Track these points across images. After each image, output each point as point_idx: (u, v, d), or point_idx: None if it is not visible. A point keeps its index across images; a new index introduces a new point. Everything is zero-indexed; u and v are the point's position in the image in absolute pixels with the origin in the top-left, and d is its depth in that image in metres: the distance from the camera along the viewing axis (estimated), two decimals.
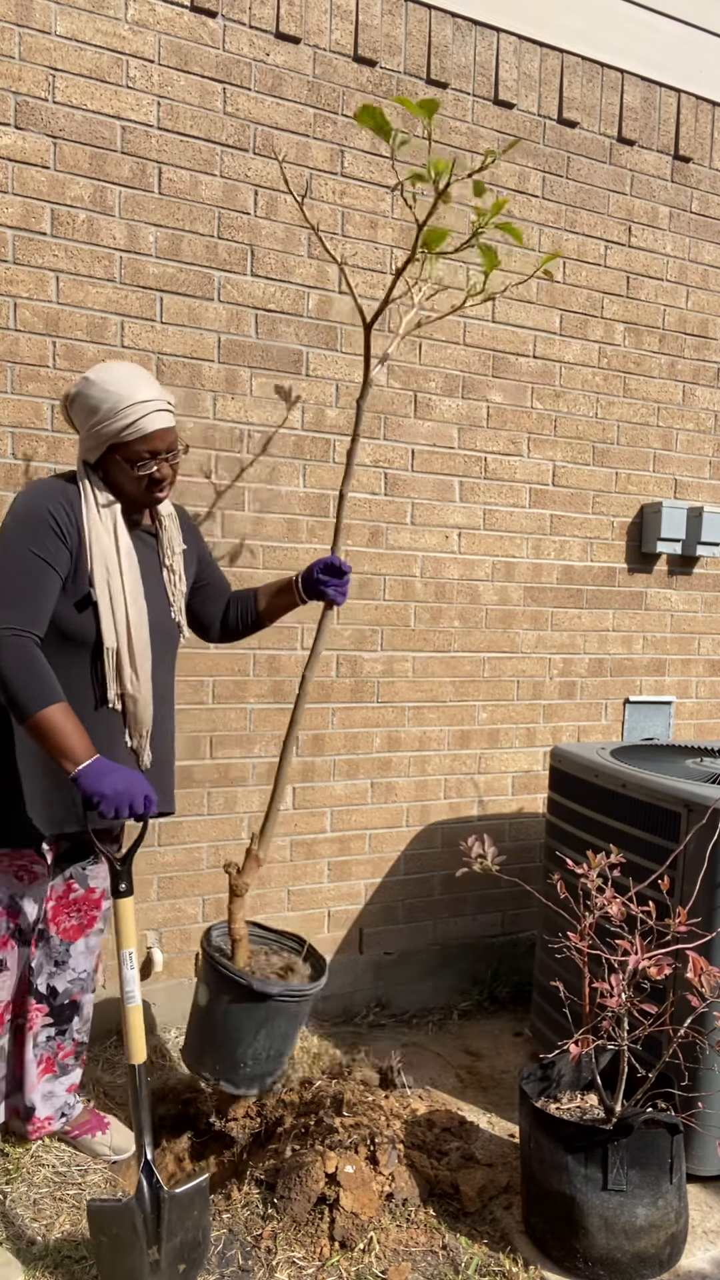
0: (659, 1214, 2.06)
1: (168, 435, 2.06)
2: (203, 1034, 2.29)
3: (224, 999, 2.21)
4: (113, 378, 2.02)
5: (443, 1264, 2.12)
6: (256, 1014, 2.22)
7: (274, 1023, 2.25)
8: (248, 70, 2.91)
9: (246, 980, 2.20)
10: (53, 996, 2.30)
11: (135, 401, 2.00)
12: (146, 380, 2.05)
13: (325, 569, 2.31)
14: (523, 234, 2.02)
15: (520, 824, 3.54)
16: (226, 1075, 2.28)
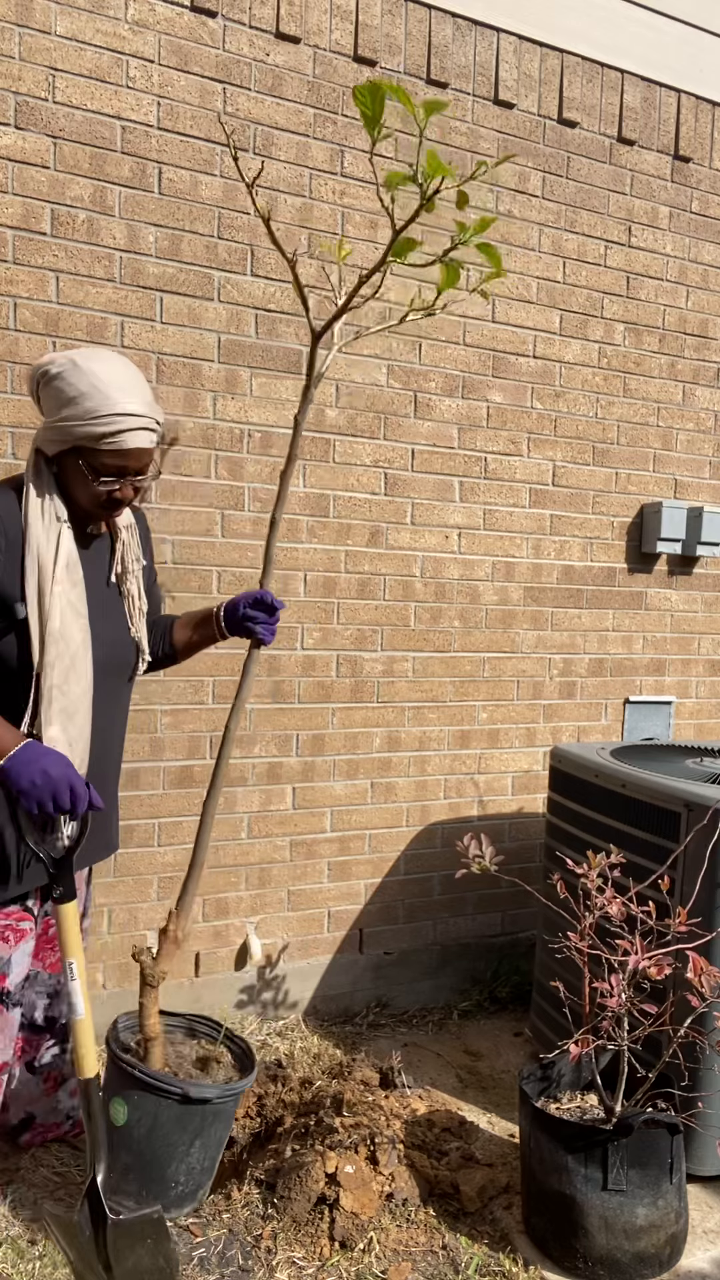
0: (659, 1214, 2.06)
1: (143, 456, 1.84)
2: (120, 1157, 1.97)
3: (148, 1113, 1.93)
4: (103, 374, 1.77)
5: (443, 1264, 2.12)
6: (190, 1124, 1.95)
7: (210, 1130, 1.99)
8: (248, 70, 2.91)
9: (180, 1087, 1.93)
10: (51, 1025, 2.23)
11: (120, 412, 1.76)
12: (138, 388, 1.81)
13: (254, 603, 2.06)
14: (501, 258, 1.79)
15: (520, 824, 3.54)
16: (155, 1199, 1.97)
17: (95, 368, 1.77)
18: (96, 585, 1.96)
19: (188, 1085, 1.94)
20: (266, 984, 3.17)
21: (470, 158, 3.24)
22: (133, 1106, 1.93)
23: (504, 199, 3.31)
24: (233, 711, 2.09)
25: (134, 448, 1.80)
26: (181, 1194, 2.02)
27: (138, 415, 1.78)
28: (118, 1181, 1.95)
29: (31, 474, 1.84)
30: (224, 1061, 2.12)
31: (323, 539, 3.13)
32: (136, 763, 2.92)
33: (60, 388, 1.78)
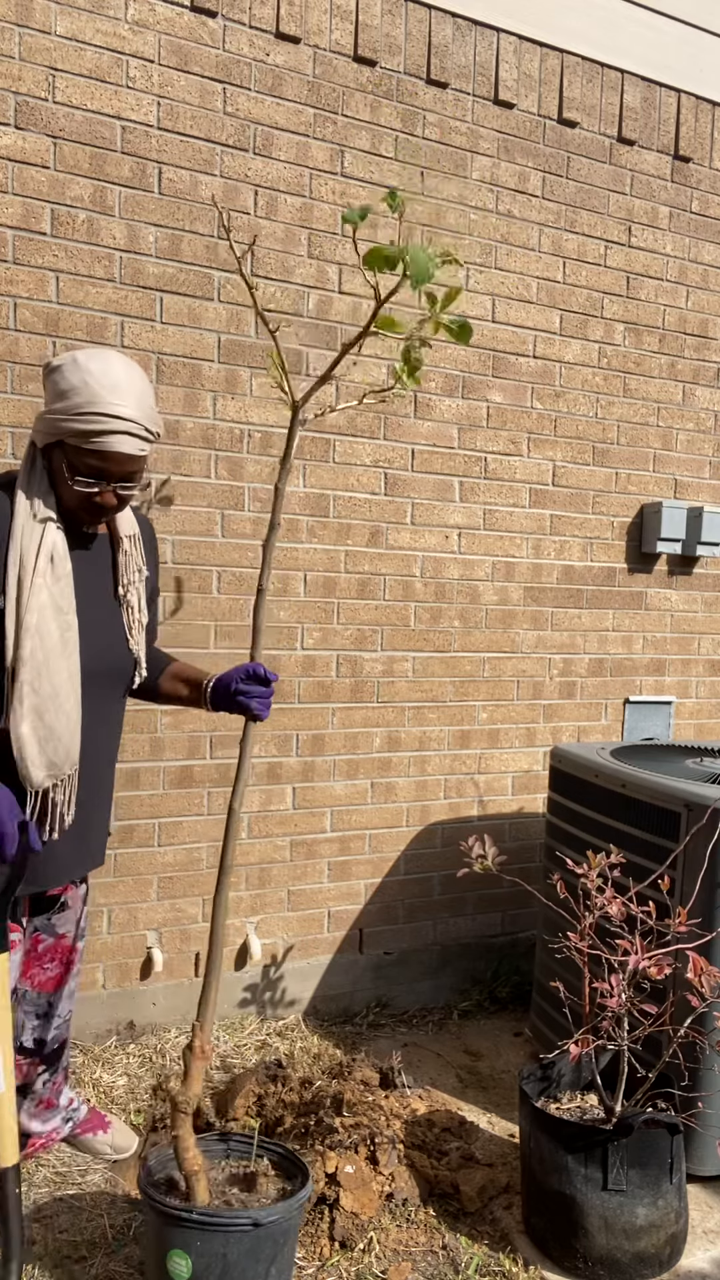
0: (659, 1214, 2.06)
1: (126, 463, 1.78)
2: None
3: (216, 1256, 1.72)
4: (99, 373, 1.74)
5: (443, 1264, 2.12)
6: (264, 1252, 1.75)
7: (284, 1251, 1.80)
8: (248, 70, 2.91)
9: (248, 1216, 1.73)
10: (40, 1047, 2.20)
11: (104, 412, 1.71)
12: (133, 393, 1.76)
13: (246, 678, 1.98)
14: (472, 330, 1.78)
15: (520, 824, 3.54)
16: None
17: (93, 366, 1.74)
18: (93, 588, 1.91)
19: (254, 1212, 1.74)
20: (267, 984, 3.17)
21: (470, 157, 3.24)
22: (197, 1254, 1.71)
23: (504, 199, 3.31)
24: (235, 790, 1.94)
25: (115, 451, 1.75)
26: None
27: (123, 419, 1.73)
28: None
29: (25, 465, 1.83)
30: (269, 1175, 1.93)
31: (323, 539, 3.13)
32: (136, 763, 2.92)
33: (56, 380, 1.76)
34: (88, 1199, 2.26)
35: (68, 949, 2.19)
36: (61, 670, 1.79)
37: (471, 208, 3.26)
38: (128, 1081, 2.76)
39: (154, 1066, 2.83)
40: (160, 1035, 2.98)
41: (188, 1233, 1.72)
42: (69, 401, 1.73)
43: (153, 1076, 2.78)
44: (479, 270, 3.30)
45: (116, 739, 2.08)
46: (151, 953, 2.97)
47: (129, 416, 1.74)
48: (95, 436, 1.73)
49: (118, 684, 2.00)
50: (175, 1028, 3.02)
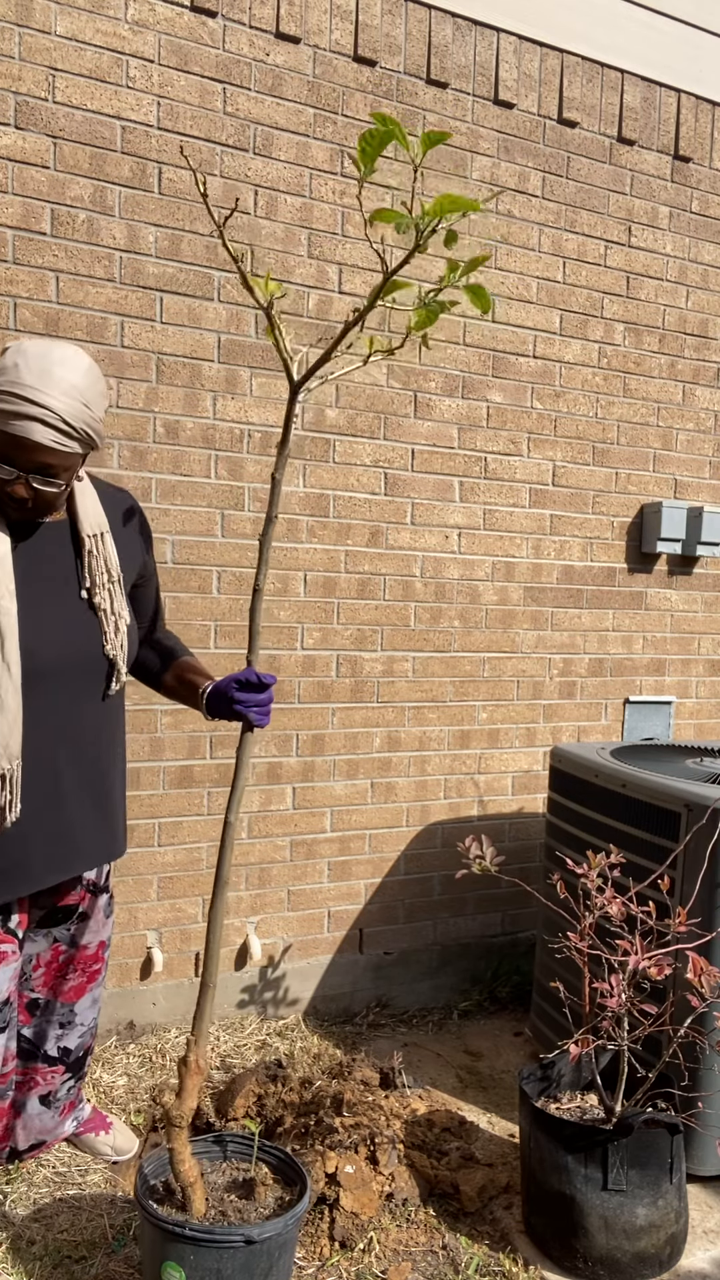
0: (659, 1214, 2.06)
1: (38, 452, 1.67)
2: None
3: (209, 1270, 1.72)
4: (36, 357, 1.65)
5: (443, 1264, 2.12)
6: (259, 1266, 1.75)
7: (279, 1264, 1.79)
8: (248, 70, 2.91)
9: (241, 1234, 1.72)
10: (66, 1056, 2.17)
11: (21, 394, 1.62)
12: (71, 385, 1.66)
13: (242, 685, 1.88)
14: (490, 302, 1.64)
15: (520, 824, 3.54)
16: None
17: (33, 350, 1.65)
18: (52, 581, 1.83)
19: (248, 1229, 1.72)
20: (267, 984, 3.17)
21: (470, 157, 3.24)
22: (190, 1268, 1.71)
23: (504, 199, 3.31)
24: (231, 802, 1.83)
25: (22, 436, 1.64)
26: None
27: (39, 405, 1.62)
28: None
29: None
30: (268, 1182, 1.90)
31: (323, 539, 3.13)
32: (136, 763, 2.92)
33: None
34: (88, 1199, 2.26)
35: (90, 959, 2.14)
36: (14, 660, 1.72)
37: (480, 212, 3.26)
38: (128, 1081, 2.76)
39: (154, 1066, 2.83)
40: (160, 1035, 2.98)
41: (182, 1246, 1.72)
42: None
43: (153, 1076, 2.78)
44: (479, 270, 3.29)
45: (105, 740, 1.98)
46: (151, 953, 2.97)
47: (46, 404, 1.63)
48: (10, 419, 1.63)
49: (91, 683, 1.91)
50: (175, 1028, 3.02)
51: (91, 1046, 2.25)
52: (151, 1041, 2.95)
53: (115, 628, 1.89)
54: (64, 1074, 2.18)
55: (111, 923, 2.20)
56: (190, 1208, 1.79)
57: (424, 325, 1.64)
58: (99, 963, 2.16)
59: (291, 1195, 1.89)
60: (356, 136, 3.06)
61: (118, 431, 2.83)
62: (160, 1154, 1.88)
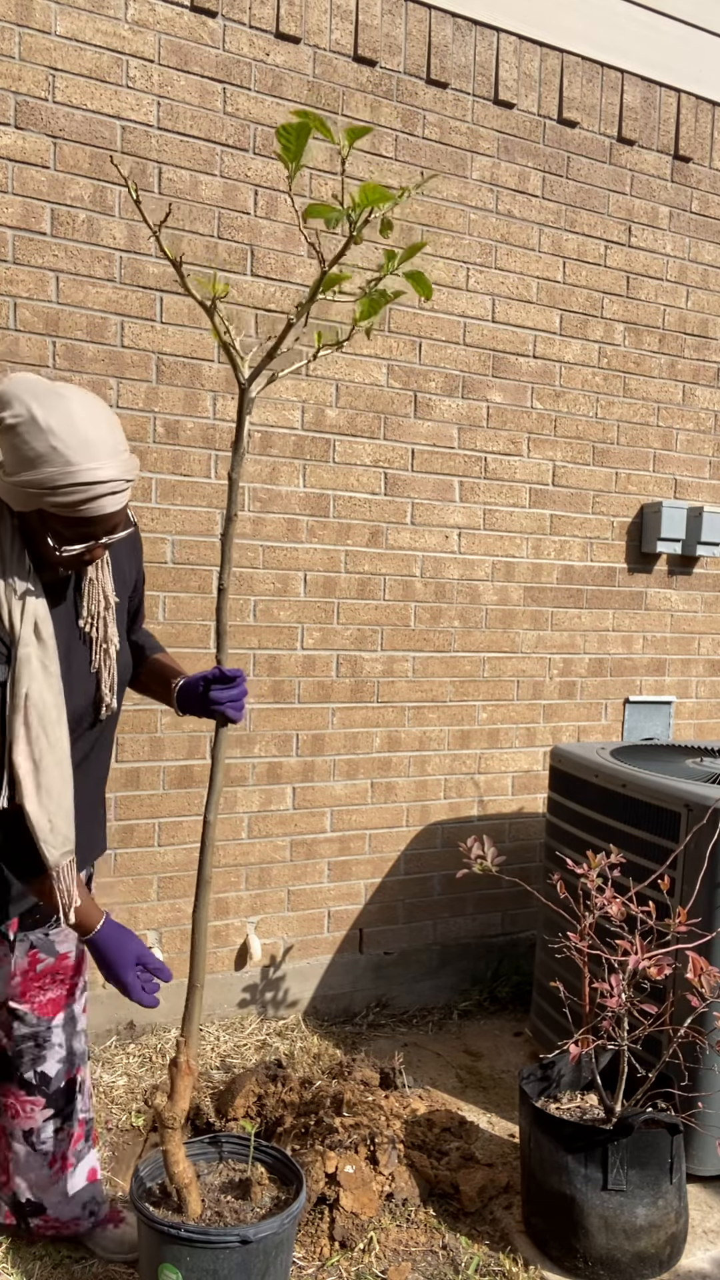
0: (659, 1214, 2.06)
1: (115, 518, 1.60)
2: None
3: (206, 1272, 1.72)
4: (65, 432, 1.52)
5: (443, 1264, 2.12)
6: (255, 1266, 1.75)
7: (276, 1263, 1.79)
8: (248, 70, 2.91)
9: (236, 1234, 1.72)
10: (45, 1084, 1.96)
11: (84, 481, 1.52)
12: (105, 442, 1.55)
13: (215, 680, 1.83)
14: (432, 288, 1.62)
15: (520, 824, 3.54)
16: None
17: (55, 423, 1.51)
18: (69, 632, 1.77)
19: (244, 1229, 1.72)
20: (267, 984, 3.17)
21: (470, 157, 3.24)
22: (186, 1269, 1.71)
23: (504, 199, 3.31)
24: (209, 800, 1.79)
25: (104, 514, 1.57)
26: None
27: (104, 482, 1.53)
28: None
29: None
30: (264, 1182, 1.89)
31: (323, 539, 3.13)
32: (136, 763, 2.92)
33: (16, 445, 1.52)
34: None
35: (70, 969, 1.98)
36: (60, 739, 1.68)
37: (472, 208, 3.26)
38: (128, 1081, 2.76)
39: (154, 1066, 2.83)
40: (160, 1035, 2.98)
41: (178, 1248, 1.72)
42: (40, 473, 1.51)
43: (153, 1076, 2.78)
44: (479, 270, 3.30)
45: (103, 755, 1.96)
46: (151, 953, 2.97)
47: (109, 477, 1.54)
48: (81, 505, 1.54)
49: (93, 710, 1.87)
50: (175, 1028, 3.02)
51: (76, 1079, 2.02)
52: (151, 1041, 2.95)
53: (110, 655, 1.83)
54: (45, 1109, 1.97)
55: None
56: (186, 1209, 1.79)
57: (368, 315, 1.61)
58: (79, 975, 2.01)
59: (288, 1195, 1.88)
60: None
61: None
62: (156, 1156, 1.88)
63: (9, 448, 1.54)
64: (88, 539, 1.60)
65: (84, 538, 1.60)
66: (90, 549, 1.63)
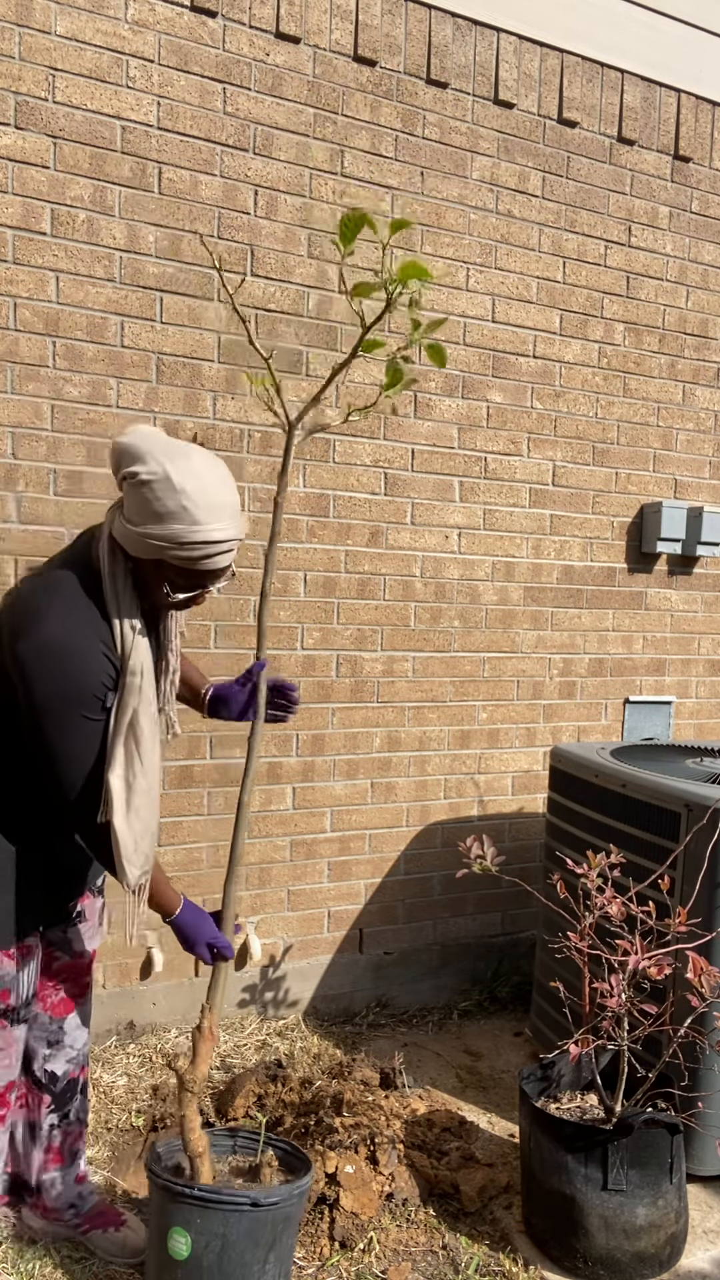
0: (659, 1214, 2.06)
1: (226, 570, 1.76)
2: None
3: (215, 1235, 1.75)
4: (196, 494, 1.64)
5: (443, 1264, 2.12)
6: (263, 1236, 1.77)
7: (283, 1240, 1.83)
8: (248, 70, 2.91)
9: (247, 1196, 1.75)
10: (53, 1082, 2.05)
11: (209, 539, 1.66)
12: (229, 504, 1.69)
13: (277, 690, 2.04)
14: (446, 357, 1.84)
15: (520, 824, 3.54)
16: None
17: (188, 484, 1.63)
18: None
19: (254, 1193, 1.77)
20: (267, 984, 3.17)
21: (470, 157, 3.24)
22: (196, 1232, 1.75)
23: (504, 199, 3.31)
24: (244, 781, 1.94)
25: (217, 569, 1.73)
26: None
27: (224, 541, 1.68)
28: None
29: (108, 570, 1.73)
30: (273, 1166, 1.95)
31: (323, 539, 3.13)
32: None
33: (148, 498, 1.64)
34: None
35: (82, 969, 2.06)
36: (154, 766, 1.78)
37: (472, 208, 3.26)
38: (128, 1081, 2.76)
39: (154, 1066, 2.83)
40: (160, 1035, 2.98)
41: (188, 1210, 1.75)
42: (168, 528, 1.64)
43: (153, 1076, 2.78)
44: (479, 270, 3.30)
45: None
46: (151, 953, 2.97)
47: (230, 537, 1.69)
48: (203, 560, 1.69)
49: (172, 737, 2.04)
50: (175, 1028, 3.02)
51: (80, 1081, 2.10)
52: (151, 1041, 2.95)
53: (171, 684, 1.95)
54: (49, 1105, 2.06)
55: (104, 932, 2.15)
56: (198, 1178, 1.83)
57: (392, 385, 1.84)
58: (88, 975, 2.09)
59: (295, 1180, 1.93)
60: (356, 136, 3.06)
61: (118, 431, 2.83)
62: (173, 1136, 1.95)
63: (140, 500, 1.66)
64: (198, 588, 1.76)
65: (195, 586, 1.75)
66: (198, 596, 1.78)
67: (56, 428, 2.75)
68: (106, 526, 1.74)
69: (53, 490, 2.77)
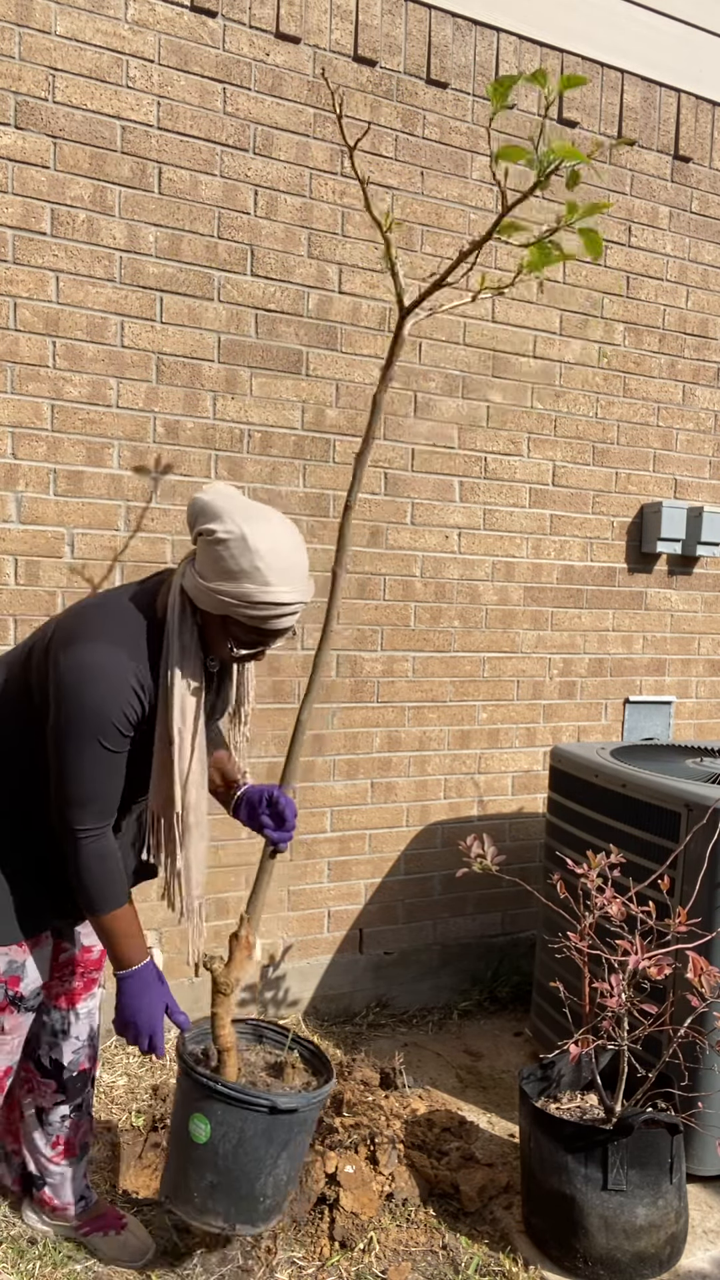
0: (659, 1214, 2.06)
1: (284, 631, 1.80)
2: (205, 1175, 1.88)
3: (233, 1128, 1.85)
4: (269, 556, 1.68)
5: (443, 1264, 2.12)
6: (278, 1136, 1.87)
7: (297, 1140, 1.92)
8: (248, 70, 2.91)
9: (268, 1100, 1.85)
10: (58, 1071, 2.06)
11: (278, 601, 1.70)
12: (299, 569, 1.73)
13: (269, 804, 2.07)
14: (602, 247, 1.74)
15: (520, 824, 3.54)
16: (245, 1216, 1.90)
17: (263, 547, 1.68)
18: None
19: (275, 1097, 1.86)
20: (267, 983, 3.17)
21: (470, 157, 3.24)
22: (216, 1122, 1.85)
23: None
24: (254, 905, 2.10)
25: (283, 629, 1.78)
26: (269, 1207, 1.93)
27: (293, 604, 1.73)
28: (204, 1200, 1.88)
29: (176, 621, 1.76)
30: (297, 1066, 2.04)
31: (323, 539, 3.12)
32: None
33: (223, 556, 1.69)
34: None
35: (91, 963, 2.08)
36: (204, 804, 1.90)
37: (472, 208, 3.26)
38: (128, 1081, 2.76)
39: (154, 1066, 2.83)
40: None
41: (212, 1102, 1.85)
42: (241, 587, 1.69)
43: (153, 1076, 2.78)
44: (479, 270, 3.29)
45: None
46: (152, 953, 2.96)
47: (298, 599, 1.73)
48: (270, 619, 1.73)
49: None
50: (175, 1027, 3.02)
51: (89, 1073, 2.11)
52: None
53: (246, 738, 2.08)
54: (55, 1092, 2.07)
55: None
56: (224, 1071, 1.92)
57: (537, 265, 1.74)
58: (98, 970, 2.11)
59: (318, 1083, 2.01)
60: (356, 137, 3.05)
61: (118, 431, 2.83)
62: (203, 1024, 2.03)
63: (214, 557, 1.71)
64: (261, 644, 1.81)
65: (258, 643, 1.80)
66: (260, 651, 1.83)
67: (56, 428, 2.75)
68: (177, 579, 1.78)
69: (53, 490, 2.77)
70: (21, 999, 1.89)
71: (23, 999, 1.89)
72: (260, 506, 1.75)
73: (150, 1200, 2.29)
